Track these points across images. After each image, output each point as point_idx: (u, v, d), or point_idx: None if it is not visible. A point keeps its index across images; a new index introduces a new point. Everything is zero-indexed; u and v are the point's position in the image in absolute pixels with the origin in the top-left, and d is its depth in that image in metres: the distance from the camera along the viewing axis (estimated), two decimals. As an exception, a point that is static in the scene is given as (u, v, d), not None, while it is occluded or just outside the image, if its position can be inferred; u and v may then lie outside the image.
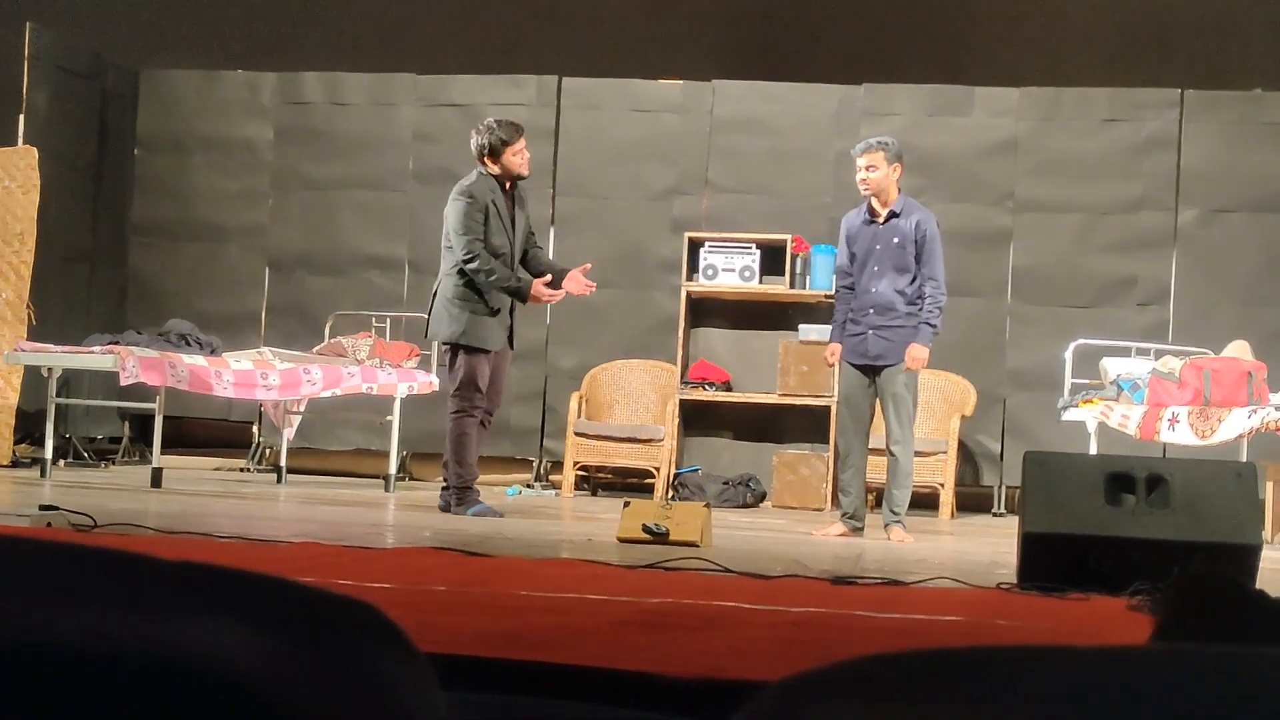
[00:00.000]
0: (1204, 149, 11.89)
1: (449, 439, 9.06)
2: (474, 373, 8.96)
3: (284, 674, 0.79)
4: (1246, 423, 9.14)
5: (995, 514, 11.74)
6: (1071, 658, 0.77)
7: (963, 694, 0.75)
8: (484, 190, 8.96)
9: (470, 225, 8.88)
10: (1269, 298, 11.68)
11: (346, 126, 12.93)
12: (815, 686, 0.78)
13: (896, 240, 8.65)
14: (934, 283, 8.62)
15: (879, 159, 8.68)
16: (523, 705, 2.22)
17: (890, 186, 8.70)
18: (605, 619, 4.36)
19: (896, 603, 5.17)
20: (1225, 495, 5.99)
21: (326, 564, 5.46)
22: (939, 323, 8.64)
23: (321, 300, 12.51)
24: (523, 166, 9.07)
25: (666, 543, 7.12)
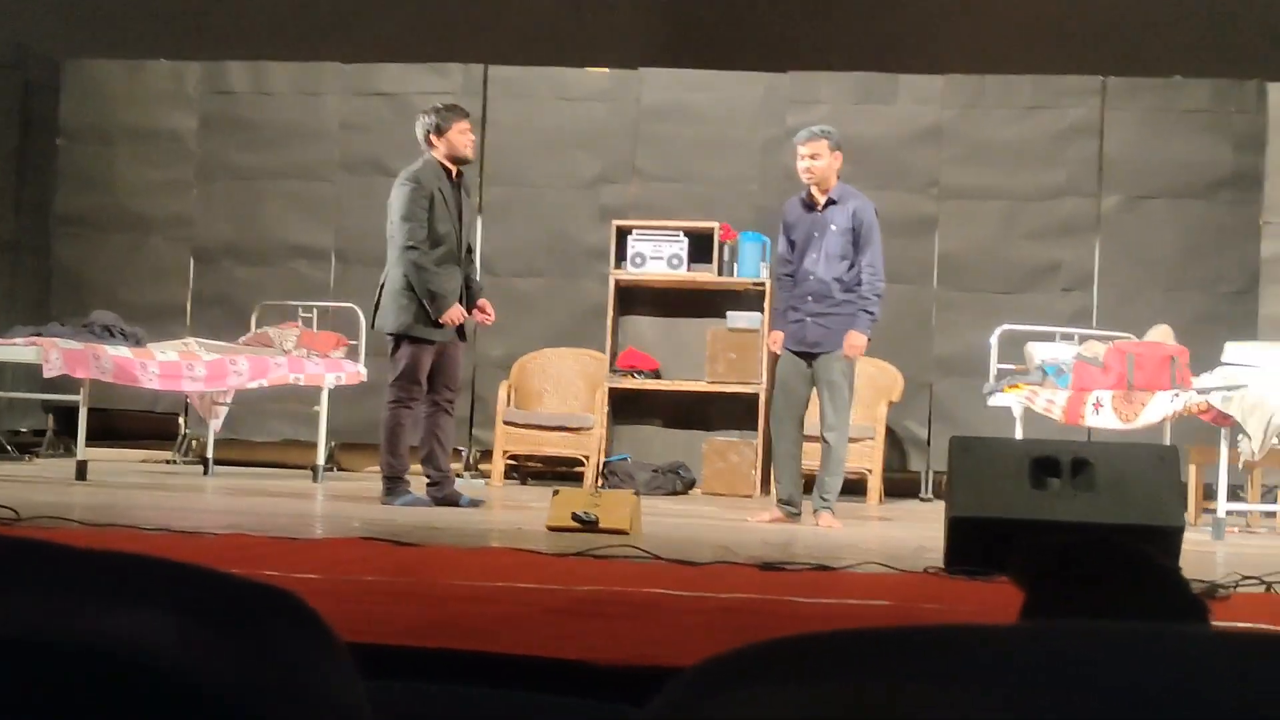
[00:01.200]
0: (1126, 136, 12.00)
1: (383, 429, 9.01)
2: (416, 364, 8.90)
3: (202, 661, 0.79)
4: (1169, 406, 9.23)
5: (923, 499, 11.82)
6: (988, 635, 0.79)
7: (879, 673, 0.76)
8: (429, 177, 8.91)
9: (414, 212, 8.83)
10: (1190, 282, 11.80)
11: (272, 116, 12.85)
12: (733, 668, 0.79)
13: (834, 228, 8.70)
14: (872, 270, 8.66)
15: (822, 147, 8.73)
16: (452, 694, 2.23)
17: (831, 175, 8.75)
18: (535, 607, 4.37)
19: (825, 588, 5.20)
20: (1148, 478, 6.06)
21: (254, 555, 5.44)
22: (877, 310, 8.69)
23: (248, 291, 12.43)
24: (469, 148, 9.05)
25: (596, 531, 7.13)
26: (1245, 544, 8.70)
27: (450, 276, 8.95)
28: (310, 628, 0.89)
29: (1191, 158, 11.87)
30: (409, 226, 8.81)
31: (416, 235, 8.80)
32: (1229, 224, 11.84)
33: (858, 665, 0.77)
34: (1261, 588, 5.46)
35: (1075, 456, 6.12)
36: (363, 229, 12.55)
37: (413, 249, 8.80)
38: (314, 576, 4.84)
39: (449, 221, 8.93)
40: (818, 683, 0.76)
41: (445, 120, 8.97)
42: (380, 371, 11.64)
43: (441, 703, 1.93)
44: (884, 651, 0.78)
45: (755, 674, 0.78)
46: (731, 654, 0.80)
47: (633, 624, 4.06)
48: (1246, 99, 11.88)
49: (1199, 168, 11.87)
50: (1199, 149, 11.88)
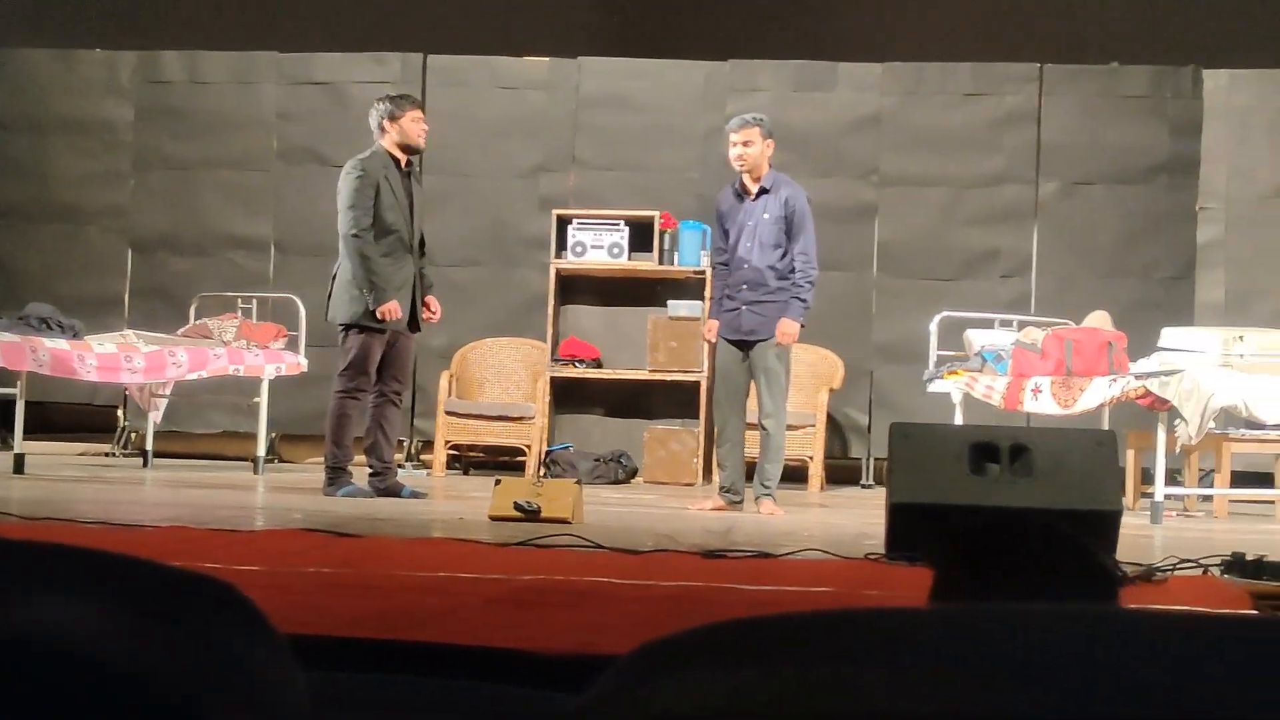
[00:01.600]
0: (1063, 122, 12.07)
1: (329, 418, 8.95)
2: (365, 354, 8.84)
3: (135, 651, 0.79)
4: (1107, 391, 9.30)
5: (864, 485, 11.87)
6: (922, 619, 0.79)
7: (815, 657, 0.76)
8: (376, 165, 8.86)
9: (358, 200, 8.77)
10: (1128, 268, 11.89)
11: (208, 106, 12.77)
12: (670, 653, 0.79)
13: (767, 215, 8.72)
14: (805, 257, 8.69)
15: (754, 135, 8.75)
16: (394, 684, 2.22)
17: (764, 162, 8.78)
18: (477, 597, 4.37)
19: (767, 575, 5.21)
20: (1087, 463, 6.10)
21: (194, 547, 5.41)
22: (810, 297, 8.72)
23: (186, 282, 12.35)
24: (421, 137, 9.01)
25: (538, 520, 7.13)
26: (1183, 528, 8.78)
27: (400, 267, 8.90)
28: (246, 617, 0.88)
29: (1128, 144, 11.95)
30: (353, 214, 8.76)
31: (360, 223, 8.75)
32: (1166, 210, 11.94)
33: (793, 649, 0.77)
34: (1198, 571, 5.51)
35: (1014, 442, 6.15)
36: (301, 219, 12.50)
37: (355, 237, 8.75)
38: (255, 568, 4.81)
39: (398, 211, 8.87)
40: (753, 666, 0.76)
41: (399, 108, 8.95)
42: (321, 362, 11.61)
43: (382, 693, 1.93)
44: (819, 635, 0.79)
45: (692, 658, 0.79)
46: (668, 639, 0.81)
47: (575, 613, 4.06)
48: (1183, 85, 11.98)
49: (1136, 154, 11.96)
50: (1136, 135, 11.96)
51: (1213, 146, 11.93)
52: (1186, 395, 8.87)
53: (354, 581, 4.61)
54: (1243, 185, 11.89)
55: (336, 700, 1.76)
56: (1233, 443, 9.85)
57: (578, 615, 4.01)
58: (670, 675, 0.77)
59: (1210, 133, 11.92)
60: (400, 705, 1.85)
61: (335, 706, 1.73)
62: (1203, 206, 11.93)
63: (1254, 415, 9.02)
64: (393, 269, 8.84)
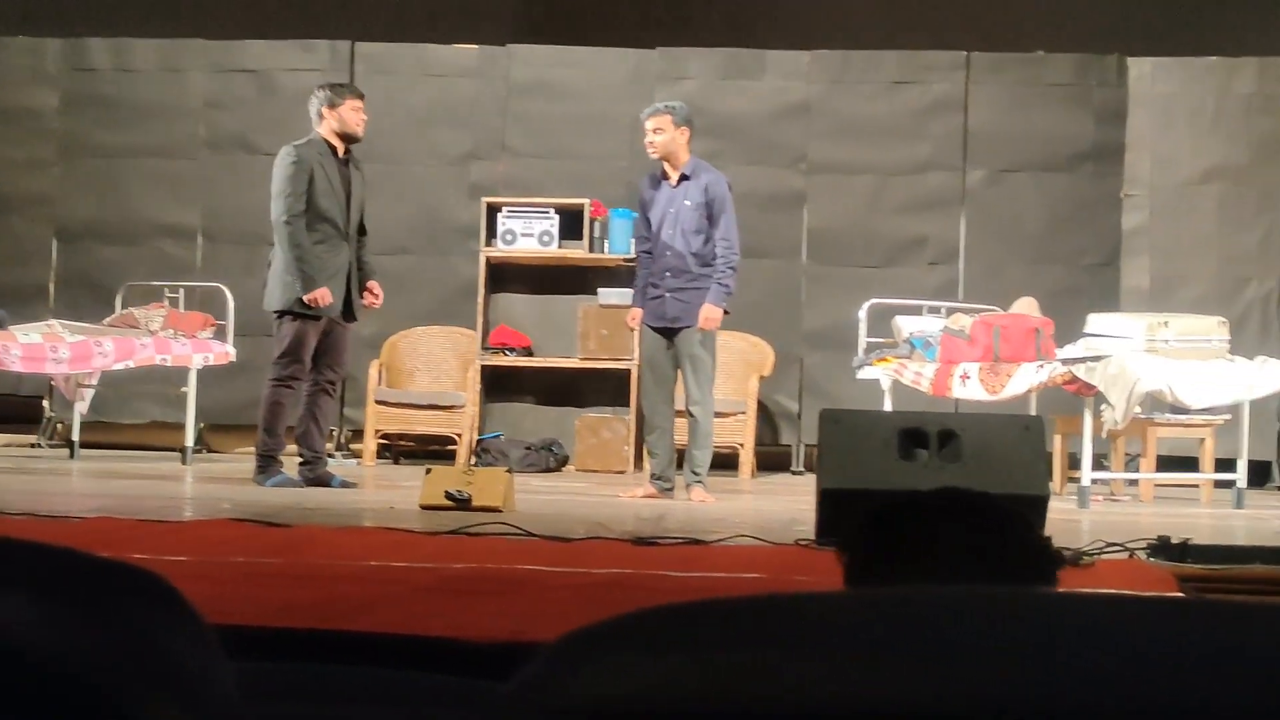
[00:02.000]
0: (990, 110, 12.14)
1: (262, 406, 8.90)
2: (299, 341, 8.78)
3: (58, 640, 0.78)
4: (1034, 377, 9.37)
5: (794, 472, 11.91)
6: (849, 602, 0.80)
7: (744, 642, 0.77)
8: (311, 153, 8.82)
9: (291, 186, 8.71)
10: (1054, 255, 11.97)
11: (135, 93, 12.65)
12: (599, 639, 0.79)
13: (688, 203, 8.75)
14: (726, 243, 8.71)
15: (665, 122, 8.79)
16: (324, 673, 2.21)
17: (678, 150, 8.80)
18: (408, 585, 4.36)
19: (698, 562, 5.23)
20: (1014, 448, 6.15)
21: (122, 538, 5.37)
22: (731, 283, 8.73)
23: (112, 271, 12.23)
24: (360, 126, 8.98)
25: (469, 509, 7.12)
26: (1109, 512, 8.86)
27: (334, 255, 8.85)
28: (173, 607, 0.88)
29: (1054, 131, 12.03)
30: (284, 200, 8.72)
31: (293, 209, 8.70)
32: (1091, 197, 12.03)
33: (721, 634, 0.78)
34: (1125, 554, 5.56)
35: (942, 428, 6.20)
36: (229, 208, 12.42)
37: (286, 223, 8.71)
38: (183, 559, 4.79)
39: (332, 198, 8.82)
40: (681, 652, 0.77)
41: (339, 96, 8.94)
42: (249, 351, 11.54)
43: (312, 682, 1.92)
44: (747, 620, 0.79)
45: (620, 645, 0.79)
46: (596, 626, 0.81)
47: (506, 601, 4.06)
48: (1107, 73, 12.07)
49: (1061, 141, 12.04)
50: (1061, 123, 12.05)
51: (1137, 134, 12.03)
52: (1112, 381, 8.95)
53: (283, 571, 4.59)
54: (1167, 172, 12.00)
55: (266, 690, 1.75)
56: (1158, 427, 9.95)
57: (509, 603, 4.01)
58: (598, 662, 0.77)
59: (1135, 120, 12.02)
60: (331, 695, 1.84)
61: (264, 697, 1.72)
62: (1128, 193, 12.03)
63: (1179, 400, 9.11)
64: (326, 256, 8.80)
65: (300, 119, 12.01)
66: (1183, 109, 12.03)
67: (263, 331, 11.86)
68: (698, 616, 0.79)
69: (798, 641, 0.77)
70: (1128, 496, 10.12)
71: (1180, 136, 12.01)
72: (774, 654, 0.76)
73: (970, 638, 0.79)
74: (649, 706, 0.72)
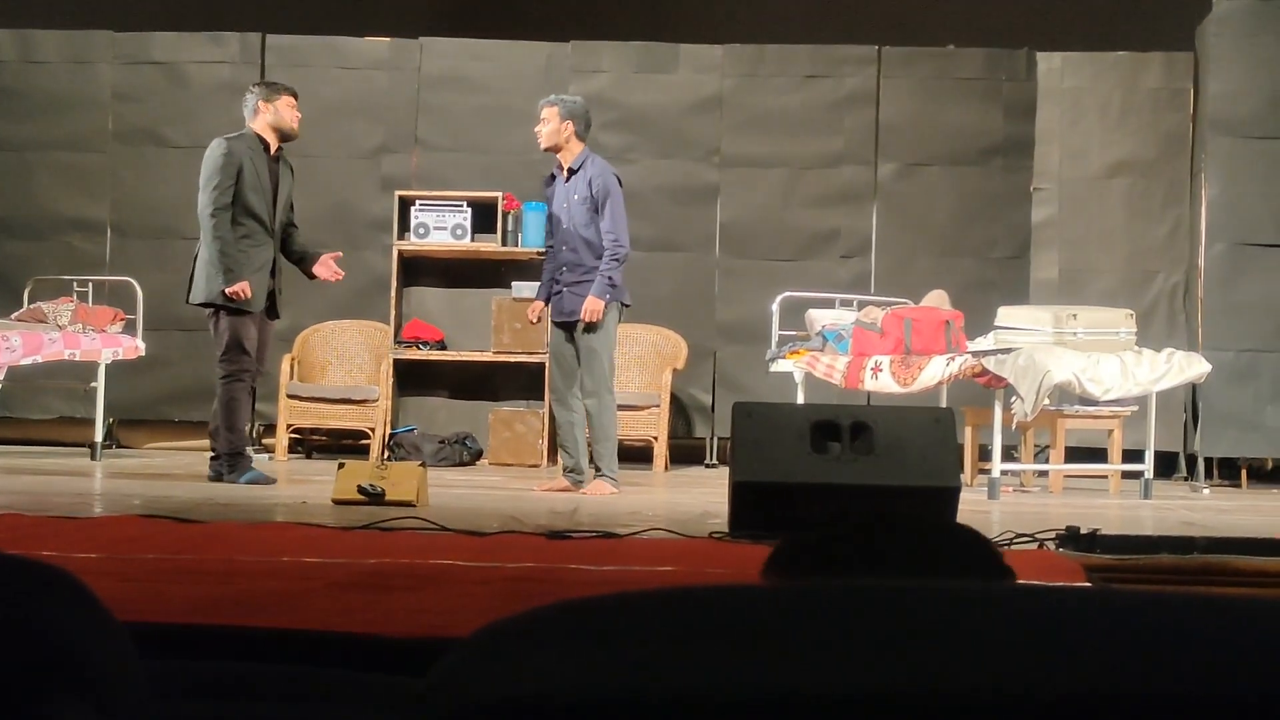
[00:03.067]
0: (901, 104, 12.22)
1: (219, 405, 8.82)
2: (239, 334, 8.72)
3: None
4: (945, 369, 9.44)
5: (708, 465, 11.95)
6: (763, 595, 0.81)
7: (658, 635, 0.77)
8: (241, 147, 8.77)
9: (219, 178, 8.66)
10: (964, 248, 12.07)
11: (42, 85, 12.50)
12: (513, 633, 0.80)
13: (578, 196, 8.78)
14: (609, 235, 8.72)
15: (552, 113, 8.84)
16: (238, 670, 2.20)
17: (563, 142, 8.82)
18: (322, 581, 4.34)
19: (612, 555, 5.23)
20: (925, 440, 6.20)
21: (29, 535, 5.32)
22: (615, 275, 8.73)
23: (19, 265, 12.09)
24: (295, 123, 8.94)
25: (383, 503, 7.10)
26: (1019, 503, 8.95)
27: (259, 250, 8.80)
28: (81, 603, 0.87)
29: (965, 125, 12.13)
30: (211, 193, 8.67)
31: (219, 201, 8.65)
32: (1001, 190, 12.14)
33: (635, 628, 0.78)
34: (1034, 545, 5.62)
35: (855, 420, 6.23)
36: (139, 201, 12.31)
37: (211, 215, 8.65)
38: (93, 556, 4.74)
39: (260, 194, 8.78)
40: (595, 646, 0.77)
41: (274, 93, 8.92)
42: (159, 346, 11.46)
43: (226, 679, 1.91)
44: (661, 613, 0.80)
45: (534, 639, 0.79)
46: (510, 620, 0.81)
47: (420, 596, 4.05)
48: (1017, 68, 12.18)
49: (972, 135, 12.14)
50: (972, 117, 12.15)
51: (1046, 128, 12.15)
52: (1022, 373, 9.04)
53: (195, 567, 4.56)
54: (1075, 166, 12.13)
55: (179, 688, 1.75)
56: (1067, 419, 10.06)
57: (424, 598, 4.00)
58: (512, 656, 0.78)
59: (1044, 114, 12.14)
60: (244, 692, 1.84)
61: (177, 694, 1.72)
62: (1037, 187, 12.15)
63: (1087, 392, 9.21)
64: (251, 251, 8.75)
65: (210, 111, 11.96)
66: (1091, 103, 12.16)
67: (173, 325, 11.81)
68: (611, 611, 0.80)
69: (711, 634, 0.78)
70: (1037, 487, 10.23)
71: (1089, 130, 12.14)
72: (687, 647, 0.77)
73: (876, 628, 0.80)
74: (564, 701, 0.72)
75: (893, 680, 0.76)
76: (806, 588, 0.83)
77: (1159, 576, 4.87)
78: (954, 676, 0.77)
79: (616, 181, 8.82)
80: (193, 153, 12.16)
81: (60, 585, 0.90)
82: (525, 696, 0.72)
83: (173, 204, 12.11)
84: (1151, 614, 0.86)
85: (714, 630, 0.79)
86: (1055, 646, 0.81)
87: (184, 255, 12.17)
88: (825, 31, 12.36)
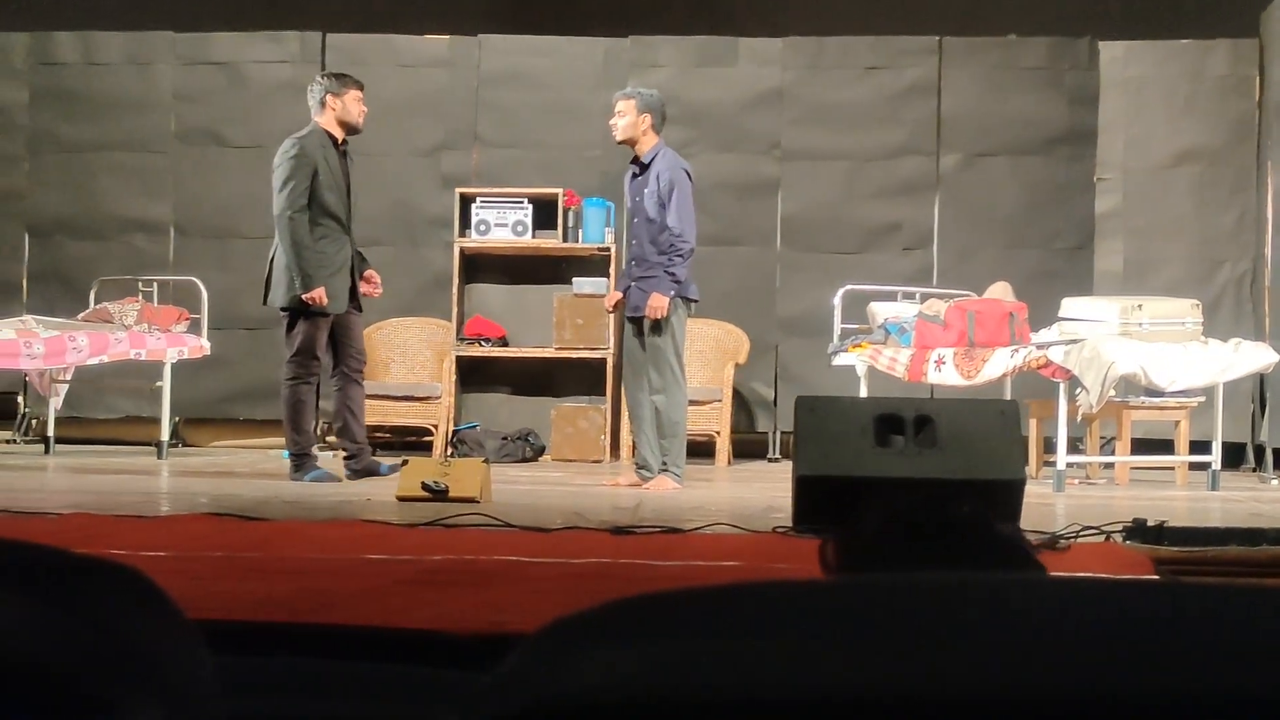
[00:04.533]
0: (963, 95, 12.15)
1: (284, 406, 8.86)
2: (312, 339, 8.72)
3: (38, 638, 0.78)
4: (1009, 362, 9.39)
5: (771, 459, 11.92)
6: (828, 588, 0.80)
7: (724, 629, 0.77)
8: (313, 145, 8.74)
9: (295, 179, 8.63)
10: (1028, 239, 12.00)
11: (103, 87, 12.59)
12: (580, 628, 0.79)
13: (648, 191, 8.77)
14: (673, 230, 8.69)
15: (629, 106, 8.83)
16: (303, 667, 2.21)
17: (641, 136, 8.81)
18: (386, 578, 4.36)
19: (675, 550, 5.23)
20: (990, 433, 6.16)
21: (99, 534, 5.36)
22: (679, 270, 8.70)
23: (85, 266, 12.19)
24: (361, 117, 8.96)
25: (446, 500, 7.11)
26: (1085, 495, 8.89)
27: (339, 248, 8.82)
28: (152, 602, 0.88)
29: (1027, 116, 12.05)
30: (287, 195, 8.63)
31: (296, 204, 8.62)
32: (1064, 181, 12.05)
33: (701, 621, 0.78)
34: (1101, 537, 5.58)
35: (918, 413, 6.20)
36: (201, 201, 12.39)
37: (290, 219, 8.61)
38: (162, 554, 4.78)
39: (336, 191, 8.78)
40: (662, 640, 0.77)
41: (342, 86, 8.91)
42: (223, 345, 11.53)
43: (292, 676, 1.92)
44: (727, 607, 0.79)
45: (601, 633, 0.79)
46: (577, 615, 0.81)
47: (484, 592, 4.06)
48: (1079, 56, 12.09)
49: (1035, 125, 12.06)
50: (1034, 107, 12.06)
51: (1110, 117, 12.05)
52: (1087, 364, 8.97)
53: (262, 565, 4.58)
54: (1139, 155, 12.03)
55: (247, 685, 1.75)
56: (1133, 410, 9.98)
57: (487, 594, 4.01)
58: (579, 651, 0.77)
59: (1107, 103, 12.05)
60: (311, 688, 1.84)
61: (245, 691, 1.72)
62: (1100, 177, 12.06)
63: (1153, 383, 9.14)
64: (330, 251, 8.75)
65: (271, 111, 12.03)
66: (1155, 92, 12.06)
67: (237, 324, 11.90)
68: (676, 605, 0.79)
69: (775, 629, 0.77)
70: (1103, 480, 10.15)
71: (1153, 119, 12.04)
72: (752, 642, 0.77)
73: (944, 623, 0.79)
74: (628, 695, 0.72)
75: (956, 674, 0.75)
76: (868, 582, 0.82)
77: (1228, 569, 4.83)
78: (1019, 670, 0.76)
79: (686, 176, 8.80)
80: (253, 152, 12.27)
81: (131, 583, 0.90)
82: (591, 692, 0.72)
83: (234, 204, 12.19)
84: (1221, 607, 0.85)
85: (778, 626, 0.78)
86: (1124, 641, 0.80)
87: (246, 255, 12.26)
88: (886, 23, 12.30)
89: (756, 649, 0.75)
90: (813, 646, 0.76)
